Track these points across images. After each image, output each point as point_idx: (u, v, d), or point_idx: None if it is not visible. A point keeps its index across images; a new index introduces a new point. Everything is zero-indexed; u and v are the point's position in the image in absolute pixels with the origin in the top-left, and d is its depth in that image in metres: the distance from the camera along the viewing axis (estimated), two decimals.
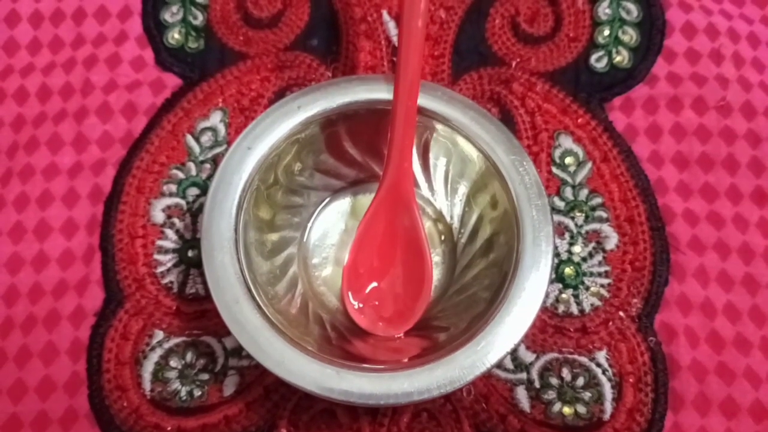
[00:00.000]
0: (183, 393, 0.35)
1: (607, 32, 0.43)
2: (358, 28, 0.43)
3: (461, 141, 0.35)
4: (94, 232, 0.38)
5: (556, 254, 0.38)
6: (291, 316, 0.33)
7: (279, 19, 0.43)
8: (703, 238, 0.38)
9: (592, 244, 0.38)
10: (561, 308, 0.37)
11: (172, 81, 0.41)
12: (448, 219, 0.38)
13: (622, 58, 0.42)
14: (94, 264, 0.37)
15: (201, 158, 0.40)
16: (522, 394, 0.35)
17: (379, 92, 0.35)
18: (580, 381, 0.36)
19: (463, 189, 0.37)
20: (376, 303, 0.36)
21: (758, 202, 0.39)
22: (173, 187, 0.39)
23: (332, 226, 0.38)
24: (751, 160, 0.40)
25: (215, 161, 0.40)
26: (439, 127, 0.35)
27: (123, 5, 0.43)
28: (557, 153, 0.40)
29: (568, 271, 0.38)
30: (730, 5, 0.44)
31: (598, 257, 0.38)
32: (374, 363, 0.31)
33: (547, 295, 0.37)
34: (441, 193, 0.38)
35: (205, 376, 0.36)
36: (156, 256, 0.38)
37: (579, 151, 0.40)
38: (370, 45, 0.42)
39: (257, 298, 0.31)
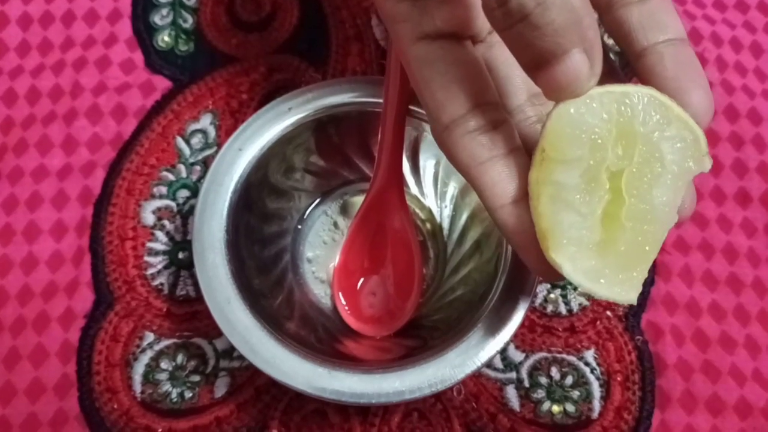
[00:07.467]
0: (174, 395, 0.35)
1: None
2: (347, 31, 0.43)
3: None
4: (84, 234, 0.38)
5: None
6: (282, 315, 0.33)
7: (268, 23, 0.43)
8: (688, 238, 0.39)
9: None
10: (549, 308, 0.37)
11: (162, 83, 0.42)
12: (437, 220, 0.38)
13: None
14: (84, 266, 0.37)
15: (191, 160, 0.40)
16: (512, 393, 0.36)
17: (369, 95, 0.35)
18: (569, 380, 0.36)
19: (452, 191, 0.38)
20: (367, 303, 0.36)
21: (741, 203, 0.40)
22: (163, 189, 0.39)
23: (323, 227, 0.38)
24: (735, 162, 0.40)
25: (206, 163, 0.40)
26: (428, 128, 0.35)
27: (112, 8, 0.43)
28: None
29: None
30: (713, 10, 0.44)
31: None
32: (365, 362, 0.31)
33: (535, 295, 0.37)
34: (431, 195, 0.39)
35: (195, 378, 0.36)
36: (146, 258, 0.38)
37: None
38: (359, 48, 0.43)
39: (249, 299, 0.31)
